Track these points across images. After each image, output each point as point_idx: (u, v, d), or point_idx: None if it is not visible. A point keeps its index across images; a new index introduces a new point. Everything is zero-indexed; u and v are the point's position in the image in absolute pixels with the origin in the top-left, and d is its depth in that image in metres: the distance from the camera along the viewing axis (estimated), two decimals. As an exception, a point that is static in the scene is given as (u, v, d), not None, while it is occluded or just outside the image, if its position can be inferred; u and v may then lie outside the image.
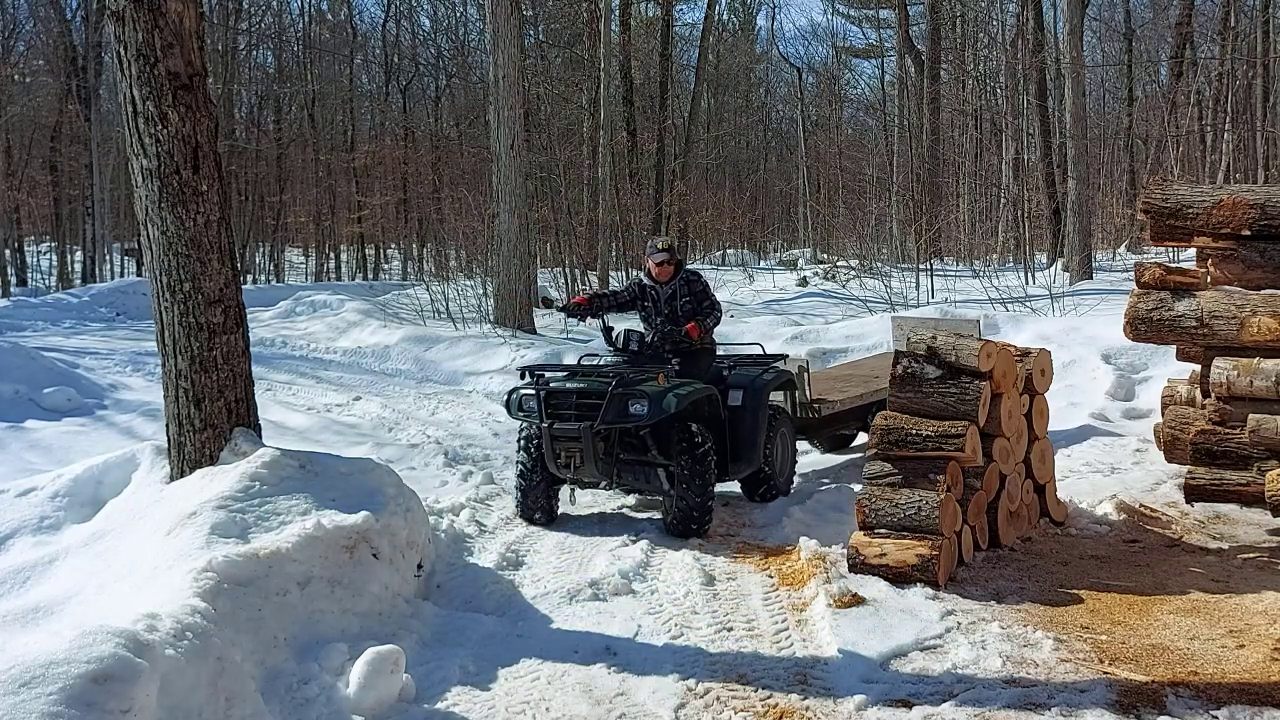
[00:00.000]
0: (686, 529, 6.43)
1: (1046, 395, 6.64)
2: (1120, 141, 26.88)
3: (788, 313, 16.42)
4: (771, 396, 7.34)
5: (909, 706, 4.17)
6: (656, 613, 5.24)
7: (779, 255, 34.24)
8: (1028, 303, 14.27)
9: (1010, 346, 6.45)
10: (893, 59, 36.02)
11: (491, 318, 15.78)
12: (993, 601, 5.24)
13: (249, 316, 6.35)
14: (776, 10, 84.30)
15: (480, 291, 17.15)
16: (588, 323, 8.01)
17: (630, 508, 7.23)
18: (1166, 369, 9.46)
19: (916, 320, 9.48)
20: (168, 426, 5.99)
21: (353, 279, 34.76)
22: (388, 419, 10.77)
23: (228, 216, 6.03)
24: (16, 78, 30.05)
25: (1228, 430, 6.39)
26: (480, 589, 5.61)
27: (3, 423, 9.47)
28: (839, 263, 23.40)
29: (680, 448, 6.47)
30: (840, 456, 8.93)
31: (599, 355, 7.47)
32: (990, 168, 28.77)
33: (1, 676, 3.28)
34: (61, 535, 5.85)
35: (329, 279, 34.40)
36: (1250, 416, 6.18)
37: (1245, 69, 23.39)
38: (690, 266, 8.92)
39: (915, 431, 5.71)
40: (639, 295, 7.30)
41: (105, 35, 24.20)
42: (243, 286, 6.16)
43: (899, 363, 5.96)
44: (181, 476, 5.81)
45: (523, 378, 6.85)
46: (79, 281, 27.63)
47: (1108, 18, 29.41)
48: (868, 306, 15.99)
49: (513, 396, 6.84)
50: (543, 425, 6.54)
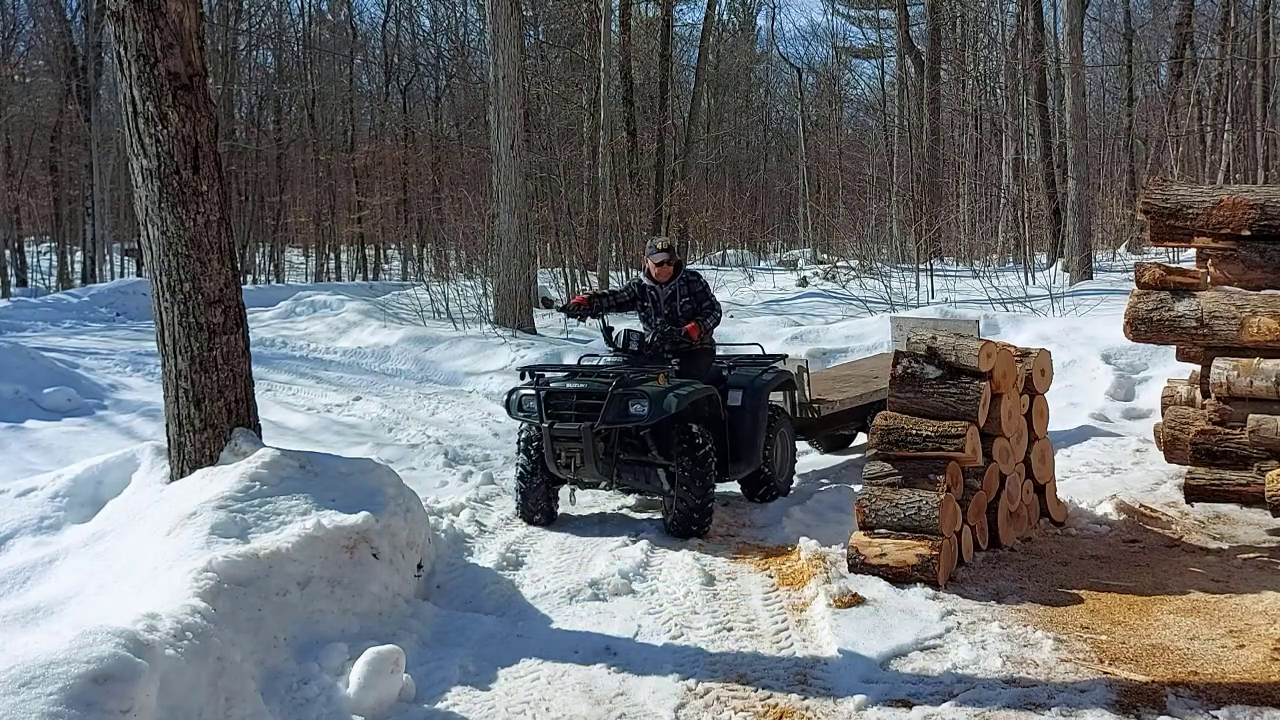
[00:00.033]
0: (686, 529, 6.42)
1: (1046, 395, 6.64)
2: (1120, 141, 26.88)
3: (787, 313, 16.42)
4: (771, 397, 7.35)
5: (909, 706, 4.17)
6: (656, 613, 5.24)
7: (779, 255, 34.21)
8: (1028, 303, 14.26)
9: (1010, 347, 6.45)
10: (893, 59, 36.08)
11: (491, 318, 15.78)
12: (993, 601, 5.24)
13: (249, 317, 6.35)
14: (776, 10, 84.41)
15: (480, 292, 17.15)
16: (588, 323, 8.01)
17: (630, 508, 7.23)
18: (1166, 369, 9.46)
19: (915, 321, 9.49)
20: (168, 426, 6.00)
21: (353, 279, 34.76)
22: (388, 419, 10.78)
23: (228, 216, 6.03)
24: (16, 78, 30.04)
25: (1228, 430, 6.39)
26: (480, 589, 5.61)
27: (3, 423, 9.48)
28: (839, 263, 23.38)
29: (681, 449, 6.46)
30: (840, 456, 8.94)
31: (599, 355, 7.47)
32: (990, 168, 28.77)
33: (1, 676, 3.28)
34: (61, 535, 5.85)
35: (329, 279, 34.39)
36: (1250, 416, 6.18)
37: (1245, 69, 23.39)
38: (690, 267, 8.92)
39: (915, 431, 5.71)
40: (639, 295, 7.30)
41: (105, 35, 24.19)
42: (243, 287, 6.17)
43: (899, 363, 5.96)
44: (181, 477, 5.81)
45: (523, 378, 6.85)
46: (79, 282, 27.62)
47: (1108, 18, 29.43)
48: (867, 307, 15.99)
49: (513, 397, 6.83)
50: (543, 425, 6.53)
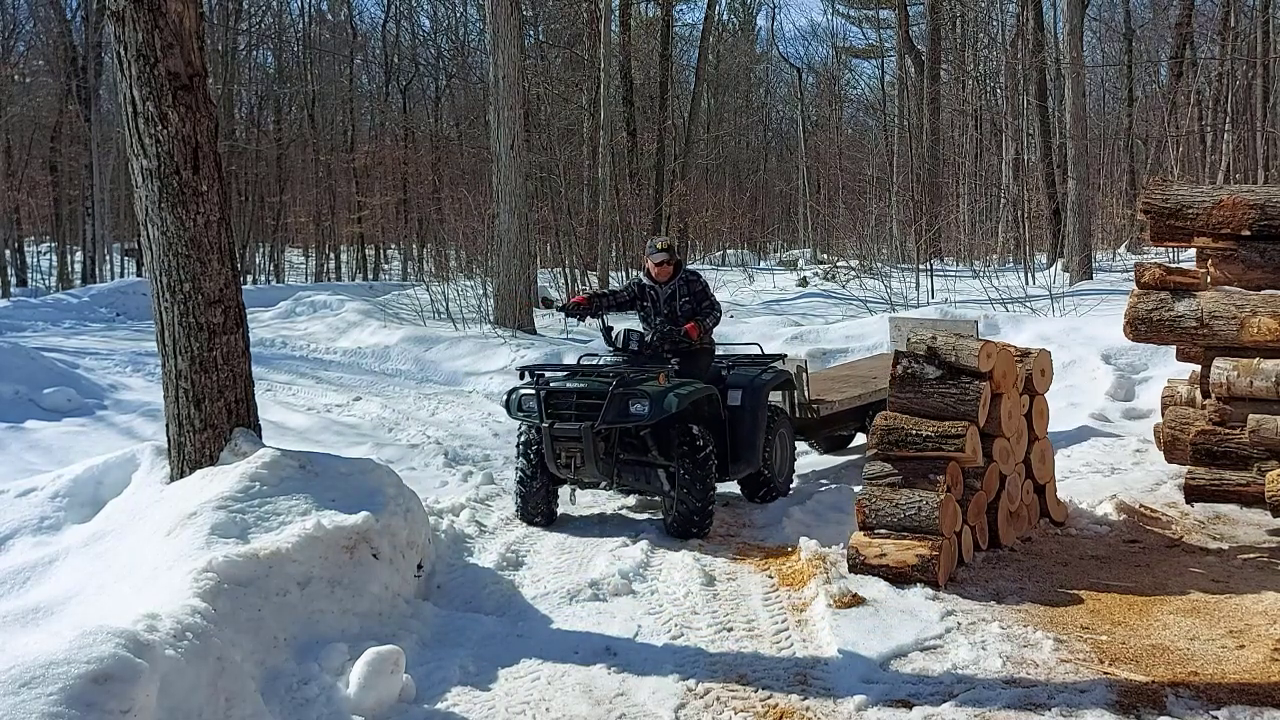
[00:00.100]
0: (687, 530, 6.42)
1: (1046, 395, 6.64)
2: (1120, 141, 26.88)
3: (787, 313, 16.41)
4: (770, 397, 7.34)
5: (909, 707, 4.17)
6: (656, 613, 5.24)
7: (779, 255, 34.21)
8: (1028, 303, 14.26)
9: (1010, 347, 6.45)
10: (893, 59, 36.10)
11: (491, 318, 15.78)
12: (993, 602, 5.24)
13: (249, 317, 6.35)
14: (776, 10, 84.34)
15: (480, 292, 17.15)
16: (587, 323, 8.01)
17: (630, 508, 7.23)
18: (1166, 369, 9.46)
19: (914, 321, 9.49)
20: (168, 427, 6.00)
21: (353, 279, 34.77)
22: (388, 419, 10.78)
23: (228, 217, 6.03)
24: (16, 78, 30.05)
25: (1228, 430, 6.39)
26: (480, 589, 5.61)
27: (3, 423, 9.48)
28: (839, 263, 23.38)
29: (681, 449, 6.46)
30: (840, 457, 8.94)
31: (599, 355, 7.47)
32: (990, 168, 28.77)
33: (1, 676, 3.28)
34: (61, 535, 5.85)
35: (329, 279, 34.41)
36: (1250, 417, 6.18)
37: (1245, 69, 23.38)
38: (690, 266, 8.92)
39: (915, 432, 5.71)
40: (638, 295, 7.30)
41: (105, 35, 24.19)
42: (243, 287, 6.17)
43: (899, 363, 5.96)
44: (181, 477, 5.81)
45: (522, 378, 6.85)
46: (79, 282, 27.63)
47: (1108, 18, 29.43)
48: (867, 307, 15.99)
49: (513, 396, 6.83)
50: (543, 425, 6.53)
